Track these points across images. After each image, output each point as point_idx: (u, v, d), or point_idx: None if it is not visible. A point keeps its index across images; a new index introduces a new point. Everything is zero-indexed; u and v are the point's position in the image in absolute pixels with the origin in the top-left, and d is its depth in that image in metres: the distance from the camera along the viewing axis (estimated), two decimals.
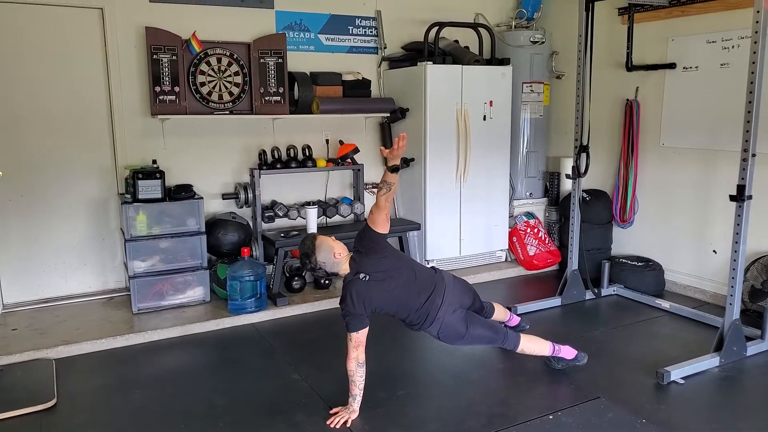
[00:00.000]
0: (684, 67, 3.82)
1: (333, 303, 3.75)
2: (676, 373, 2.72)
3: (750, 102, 2.70)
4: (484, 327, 2.61)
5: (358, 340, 2.37)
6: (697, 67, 3.75)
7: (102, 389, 2.73)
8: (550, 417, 2.40)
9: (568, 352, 2.76)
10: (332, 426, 2.34)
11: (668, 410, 2.47)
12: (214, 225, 3.77)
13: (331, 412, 2.42)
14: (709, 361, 2.84)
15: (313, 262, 2.42)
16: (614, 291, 3.94)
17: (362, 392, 2.42)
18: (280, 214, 3.98)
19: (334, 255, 2.43)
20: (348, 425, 2.35)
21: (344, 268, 2.45)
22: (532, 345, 2.70)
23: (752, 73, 2.68)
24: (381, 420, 2.40)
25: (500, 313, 2.98)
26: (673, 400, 2.57)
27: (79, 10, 3.50)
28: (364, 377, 2.41)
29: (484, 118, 4.24)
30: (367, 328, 2.39)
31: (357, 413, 2.40)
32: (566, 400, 2.54)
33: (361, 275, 2.39)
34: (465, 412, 2.46)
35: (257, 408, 2.52)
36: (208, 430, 2.35)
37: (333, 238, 2.50)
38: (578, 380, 2.72)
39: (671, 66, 3.87)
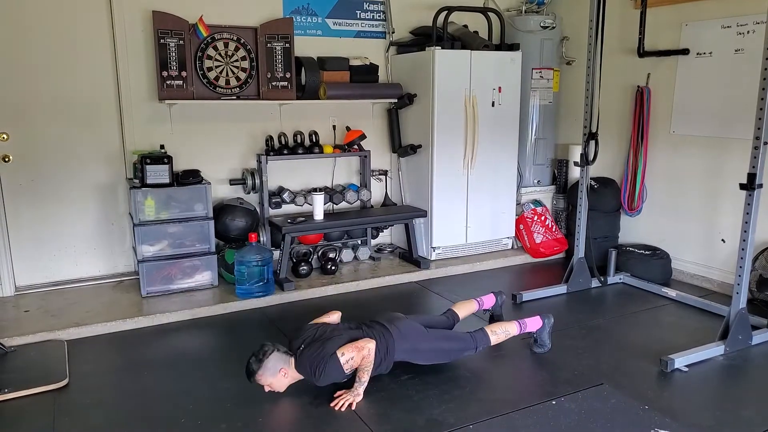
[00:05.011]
0: (697, 53, 3.76)
1: (339, 288, 3.79)
2: (680, 360, 2.72)
3: (763, 89, 2.65)
4: (449, 340, 2.70)
5: (351, 353, 2.40)
6: (710, 53, 3.69)
7: (112, 370, 2.78)
8: (553, 402, 2.42)
9: (534, 324, 2.84)
10: (337, 409, 2.37)
11: (671, 397, 2.48)
12: (221, 210, 3.80)
13: (336, 395, 2.45)
14: (714, 350, 2.84)
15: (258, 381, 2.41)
16: (621, 279, 3.93)
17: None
18: (287, 200, 4.00)
19: (282, 374, 2.41)
20: (353, 408, 2.38)
21: (295, 378, 2.47)
22: (500, 332, 2.77)
23: (766, 59, 2.63)
24: (385, 404, 2.43)
25: (468, 309, 2.99)
26: (676, 388, 2.57)
27: None
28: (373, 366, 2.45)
29: (493, 105, 4.21)
30: (351, 350, 2.42)
31: (361, 397, 2.43)
32: (569, 386, 2.55)
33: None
34: (468, 396, 2.48)
35: (263, 390, 2.55)
36: (215, 410, 2.40)
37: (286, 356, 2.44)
38: (582, 367, 2.74)
39: (684, 52, 3.81)
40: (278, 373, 2.41)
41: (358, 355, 2.41)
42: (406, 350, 2.60)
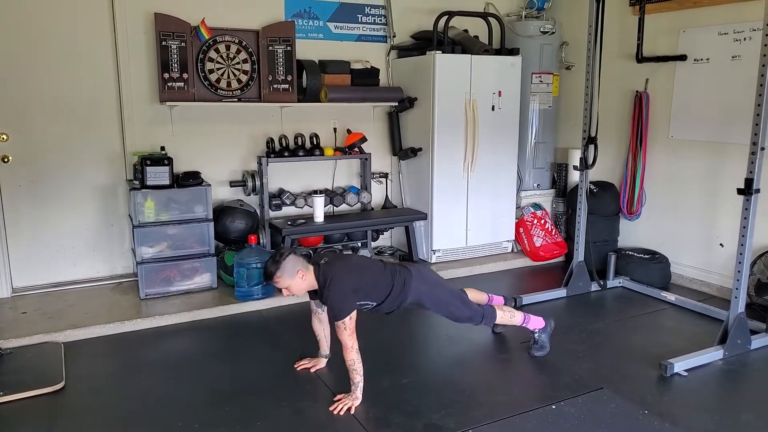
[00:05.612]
0: (695, 59, 3.79)
1: None
2: (680, 365, 2.72)
3: (760, 95, 2.67)
4: (462, 301, 2.81)
5: (352, 326, 2.40)
6: (708, 59, 3.71)
7: (109, 373, 2.77)
8: (553, 407, 2.42)
9: (537, 322, 2.90)
10: (336, 413, 2.37)
11: (670, 402, 2.49)
12: (221, 212, 3.79)
13: (335, 399, 2.45)
14: (713, 354, 2.84)
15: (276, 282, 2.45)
16: (620, 283, 3.93)
17: (363, 379, 2.44)
18: (288, 202, 4.00)
19: (300, 275, 2.43)
20: (352, 412, 2.38)
21: (312, 285, 2.48)
22: (507, 311, 2.90)
23: (763, 65, 2.65)
24: (385, 408, 2.42)
25: (478, 297, 3.06)
26: (675, 392, 2.58)
27: None
28: (361, 363, 2.44)
29: (493, 109, 4.22)
30: (356, 312, 2.42)
31: (360, 400, 2.42)
32: (569, 391, 2.55)
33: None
34: (468, 400, 2.48)
35: (262, 393, 2.55)
36: (213, 414, 2.39)
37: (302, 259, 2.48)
38: (581, 371, 2.74)
39: (682, 58, 3.83)
40: (296, 275, 2.43)
41: (346, 336, 2.39)
42: (422, 292, 2.66)
